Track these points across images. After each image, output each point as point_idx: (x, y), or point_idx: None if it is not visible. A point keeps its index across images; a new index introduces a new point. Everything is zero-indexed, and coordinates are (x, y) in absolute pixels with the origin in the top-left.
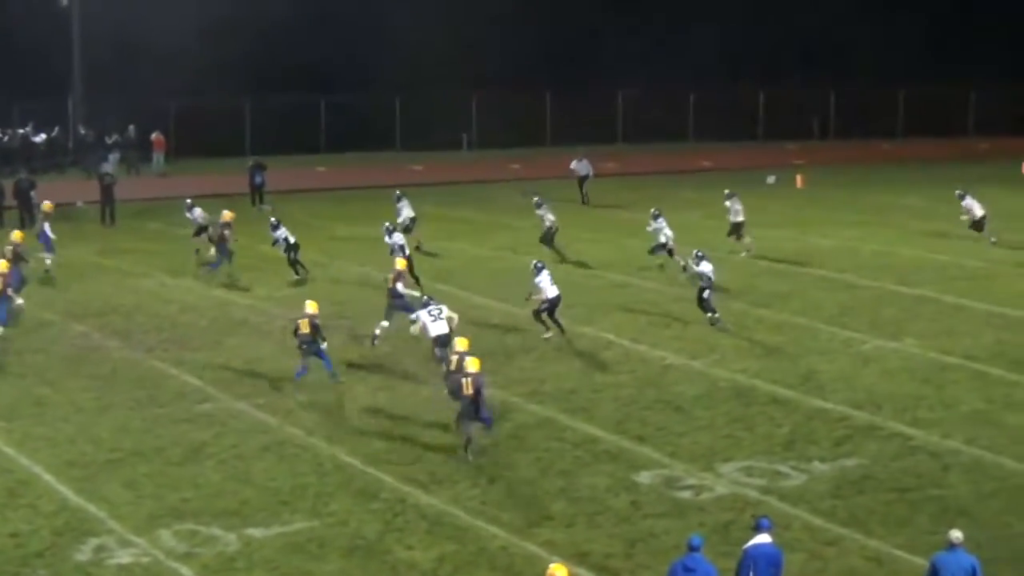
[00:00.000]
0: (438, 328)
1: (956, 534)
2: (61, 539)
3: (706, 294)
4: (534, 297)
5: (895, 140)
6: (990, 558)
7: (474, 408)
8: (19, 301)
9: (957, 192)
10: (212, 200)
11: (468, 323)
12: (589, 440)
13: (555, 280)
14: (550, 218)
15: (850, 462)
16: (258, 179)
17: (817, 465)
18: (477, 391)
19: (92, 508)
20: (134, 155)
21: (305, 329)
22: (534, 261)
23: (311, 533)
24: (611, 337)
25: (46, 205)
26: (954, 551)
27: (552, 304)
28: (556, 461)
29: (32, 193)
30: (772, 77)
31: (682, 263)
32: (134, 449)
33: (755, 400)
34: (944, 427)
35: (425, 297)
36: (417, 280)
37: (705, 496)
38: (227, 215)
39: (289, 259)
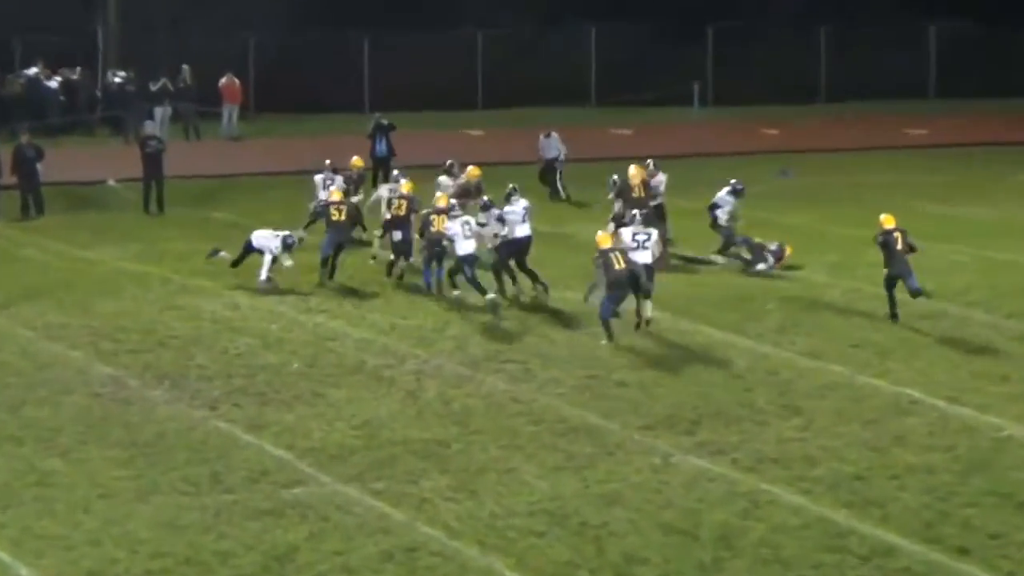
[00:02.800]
0: (639, 258)
1: None
2: None
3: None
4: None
5: None
6: None
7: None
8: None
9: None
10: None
11: (684, 362)
12: (883, 550)
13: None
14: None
15: None
16: (381, 147)
17: None
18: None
19: None
20: (192, 110)
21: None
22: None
23: None
24: (915, 393)
25: None
26: None
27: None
28: None
29: (38, 166)
30: None
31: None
32: (188, 555)
33: None
34: None
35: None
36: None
37: None
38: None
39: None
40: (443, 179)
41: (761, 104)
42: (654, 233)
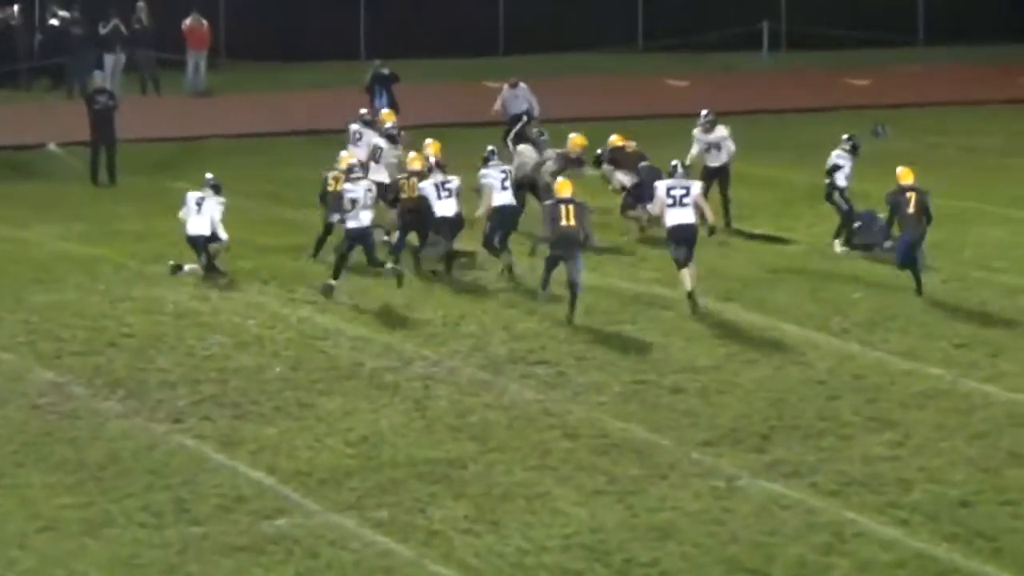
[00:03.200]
0: (677, 217)
1: None
2: None
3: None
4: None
5: None
6: None
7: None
8: None
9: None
10: (295, 137)
11: (753, 364)
12: None
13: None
14: None
15: None
16: (381, 98)
17: None
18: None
19: None
20: (150, 58)
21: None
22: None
23: None
24: None
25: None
26: None
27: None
28: None
29: None
30: None
31: None
32: None
33: None
34: None
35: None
36: None
37: None
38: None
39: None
40: (524, 148)
41: (846, 48)
42: (695, 186)
